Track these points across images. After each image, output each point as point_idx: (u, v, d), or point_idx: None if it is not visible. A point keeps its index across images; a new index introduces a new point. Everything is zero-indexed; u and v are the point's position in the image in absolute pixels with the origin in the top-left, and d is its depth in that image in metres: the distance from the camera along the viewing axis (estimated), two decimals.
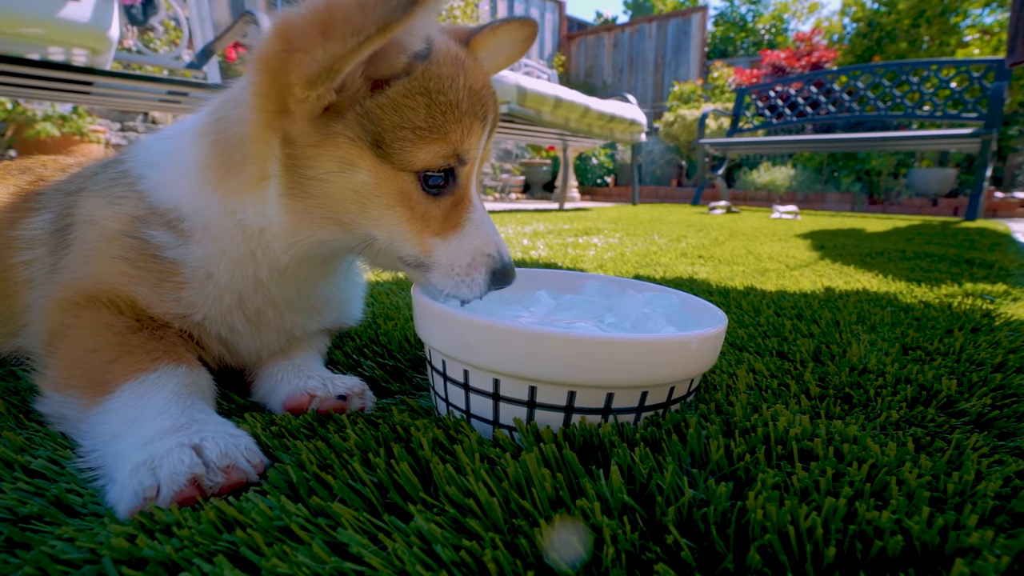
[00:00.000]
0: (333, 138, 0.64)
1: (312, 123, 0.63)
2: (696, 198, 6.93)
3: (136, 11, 3.40)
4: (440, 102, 0.66)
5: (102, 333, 0.65)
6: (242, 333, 0.76)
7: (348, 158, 0.65)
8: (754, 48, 11.34)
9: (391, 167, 0.65)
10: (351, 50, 0.56)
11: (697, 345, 0.65)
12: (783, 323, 1.20)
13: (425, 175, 0.67)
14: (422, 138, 0.65)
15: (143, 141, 0.81)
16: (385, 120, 0.64)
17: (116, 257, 0.70)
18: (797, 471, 0.53)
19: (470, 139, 0.70)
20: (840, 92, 6.07)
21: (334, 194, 0.66)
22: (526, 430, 0.62)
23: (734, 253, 2.47)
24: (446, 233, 0.71)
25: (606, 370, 0.61)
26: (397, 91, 0.65)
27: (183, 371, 0.65)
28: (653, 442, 0.60)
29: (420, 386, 0.86)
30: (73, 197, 0.81)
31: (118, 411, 0.59)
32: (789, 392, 0.80)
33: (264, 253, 0.72)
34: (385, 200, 0.67)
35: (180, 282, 0.71)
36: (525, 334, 0.61)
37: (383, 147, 0.64)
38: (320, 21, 0.57)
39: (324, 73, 0.58)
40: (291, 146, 0.65)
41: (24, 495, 0.52)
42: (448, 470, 0.53)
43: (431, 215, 0.70)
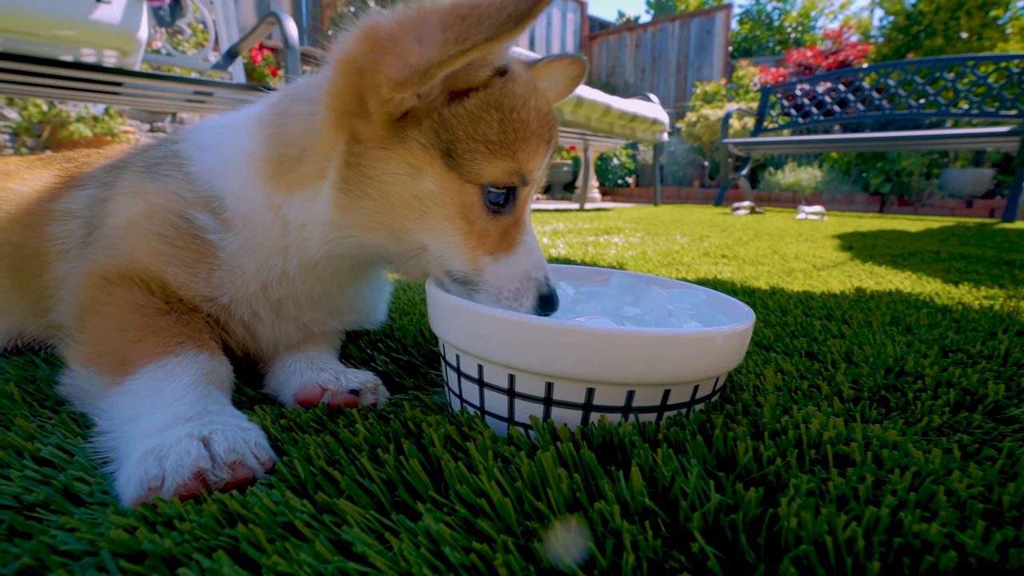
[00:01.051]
0: (406, 142, 0.64)
1: (387, 126, 0.64)
2: (719, 199, 6.81)
3: (164, 13, 3.47)
4: (513, 119, 0.66)
5: (132, 312, 0.66)
6: (264, 320, 0.77)
7: (417, 163, 0.65)
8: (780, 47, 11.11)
9: (458, 177, 0.66)
10: (452, 56, 0.56)
11: (723, 341, 0.62)
12: (812, 323, 1.15)
13: (489, 190, 0.67)
14: (493, 152, 0.66)
15: (199, 125, 0.82)
16: (460, 131, 0.65)
17: (153, 234, 0.70)
18: (833, 477, 0.49)
19: (535, 160, 0.70)
20: (870, 90, 5.90)
21: (394, 197, 0.67)
22: (542, 428, 0.59)
23: (759, 253, 2.41)
24: (498, 253, 0.70)
25: (627, 366, 0.58)
26: (475, 103, 0.65)
27: (204, 358, 0.65)
28: (676, 443, 0.57)
29: (434, 382, 0.84)
30: (117, 171, 0.82)
31: (137, 393, 0.59)
32: (820, 394, 0.76)
33: (298, 248, 0.73)
34: (446, 210, 0.67)
35: (214, 264, 0.71)
36: (542, 327, 0.58)
37: (454, 156, 0.65)
38: (414, 27, 0.58)
39: (416, 77, 0.58)
40: (358, 145, 0.65)
41: (31, 483, 0.51)
42: (460, 468, 0.51)
43: (487, 232, 0.69)
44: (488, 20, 0.54)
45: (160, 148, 0.80)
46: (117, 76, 3.05)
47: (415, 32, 0.58)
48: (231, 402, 0.64)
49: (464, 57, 0.56)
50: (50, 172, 0.92)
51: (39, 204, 0.84)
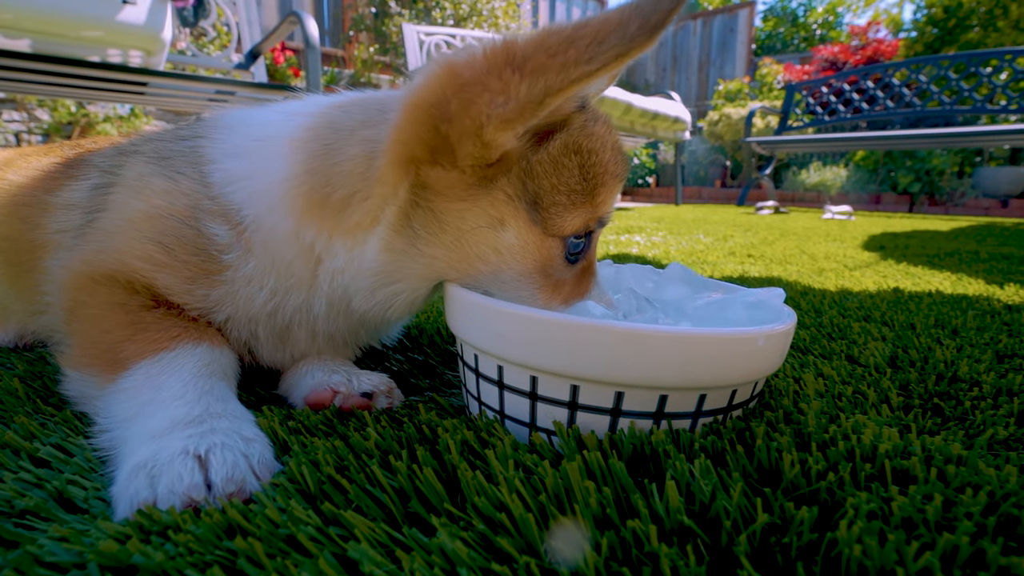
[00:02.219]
0: (492, 193, 0.59)
1: (474, 174, 0.58)
2: (741, 198, 6.67)
3: (187, 13, 3.50)
4: (594, 163, 0.61)
5: (115, 312, 0.62)
6: (263, 343, 0.71)
7: (501, 216, 0.59)
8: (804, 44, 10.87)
9: (541, 232, 0.61)
10: (574, 80, 0.50)
11: (764, 342, 0.57)
12: (849, 325, 1.09)
13: (570, 241, 0.63)
14: (574, 203, 0.61)
15: (228, 122, 0.72)
16: (545, 180, 0.59)
17: (151, 240, 0.64)
18: (895, 496, 0.44)
19: (611, 201, 0.65)
20: (900, 86, 5.72)
21: (470, 248, 0.61)
22: (567, 434, 0.55)
23: (786, 252, 2.32)
24: (572, 300, 0.66)
25: (659, 368, 0.53)
26: (557, 147, 0.60)
27: (203, 349, 0.61)
28: (714, 453, 0.52)
29: (451, 383, 0.80)
30: (123, 157, 0.75)
31: (133, 390, 0.56)
32: (866, 401, 0.70)
33: (331, 289, 0.66)
34: (525, 265, 0.62)
35: (217, 282, 0.65)
36: (566, 325, 0.54)
37: (539, 210, 0.60)
38: (505, 59, 0.52)
39: (528, 110, 0.52)
40: (427, 191, 0.59)
41: (25, 486, 0.48)
42: (478, 478, 0.47)
43: (563, 282, 0.65)
44: (614, 36, 0.48)
45: (178, 140, 0.73)
46: (141, 76, 3.08)
47: (508, 62, 0.51)
48: (236, 396, 0.61)
49: (588, 80, 0.50)
50: (50, 160, 0.87)
51: (35, 196, 0.80)
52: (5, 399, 0.66)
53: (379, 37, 6.69)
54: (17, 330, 0.87)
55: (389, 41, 6.57)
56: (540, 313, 0.55)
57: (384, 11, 6.59)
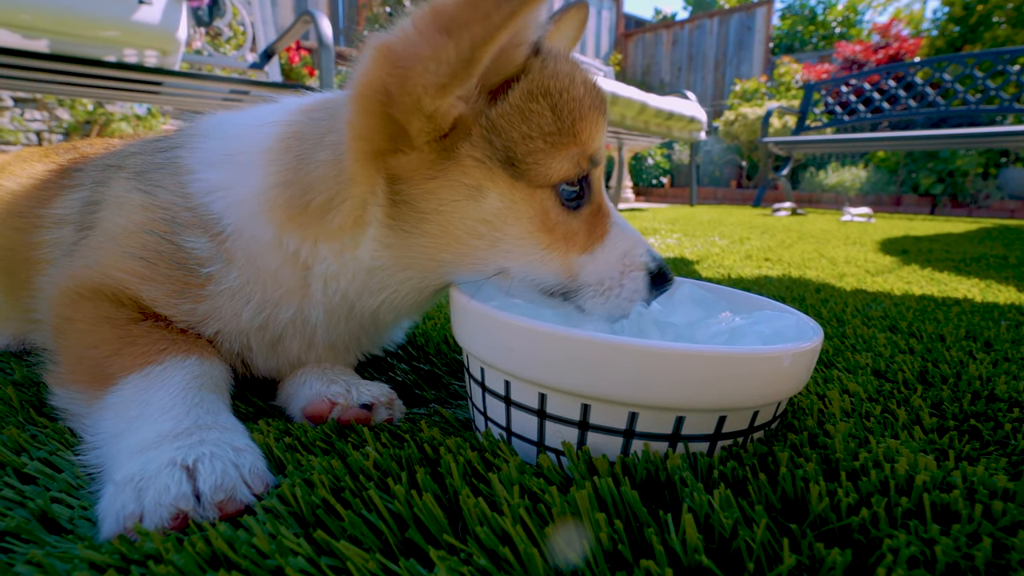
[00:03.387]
0: (459, 162, 0.57)
1: (433, 149, 0.56)
2: (758, 199, 6.57)
3: (202, 12, 3.52)
4: (566, 101, 0.59)
5: (102, 327, 0.60)
6: (256, 353, 0.69)
7: (476, 183, 0.57)
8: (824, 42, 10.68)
9: (526, 185, 0.58)
10: (499, 24, 0.48)
11: (790, 362, 0.53)
12: (874, 335, 1.04)
13: (562, 188, 0.59)
14: (554, 145, 0.58)
15: (202, 133, 0.71)
16: (513, 131, 0.57)
17: (132, 255, 0.63)
18: (937, 538, 0.40)
19: (597, 136, 0.62)
20: (923, 85, 5.58)
21: (457, 227, 0.59)
22: (576, 457, 0.51)
23: (804, 256, 2.26)
24: (592, 246, 0.62)
25: (676, 388, 0.50)
26: (519, 95, 0.57)
27: (192, 362, 0.59)
28: (735, 482, 0.49)
29: (457, 394, 0.77)
30: (108, 173, 0.74)
31: (120, 405, 0.54)
32: (896, 421, 0.66)
33: (326, 297, 0.64)
34: (521, 226, 0.59)
35: (201, 296, 0.63)
36: (577, 340, 0.51)
37: (516, 164, 0.57)
38: (433, 23, 0.50)
39: (460, 70, 0.50)
40: (400, 183, 0.58)
41: (8, 504, 0.46)
42: (480, 505, 0.44)
43: (573, 231, 0.61)
44: None
45: (157, 152, 0.71)
46: (156, 75, 3.10)
47: (436, 26, 0.50)
48: (229, 408, 0.58)
49: (513, 21, 0.48)
50: (44, 168, 0.85)
51: (28, 207, 0.79)
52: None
53: None
54: (15, 335, 0.86)
55: None
56: (550, 328, 0.52)
57: (398, 10, 6.59)
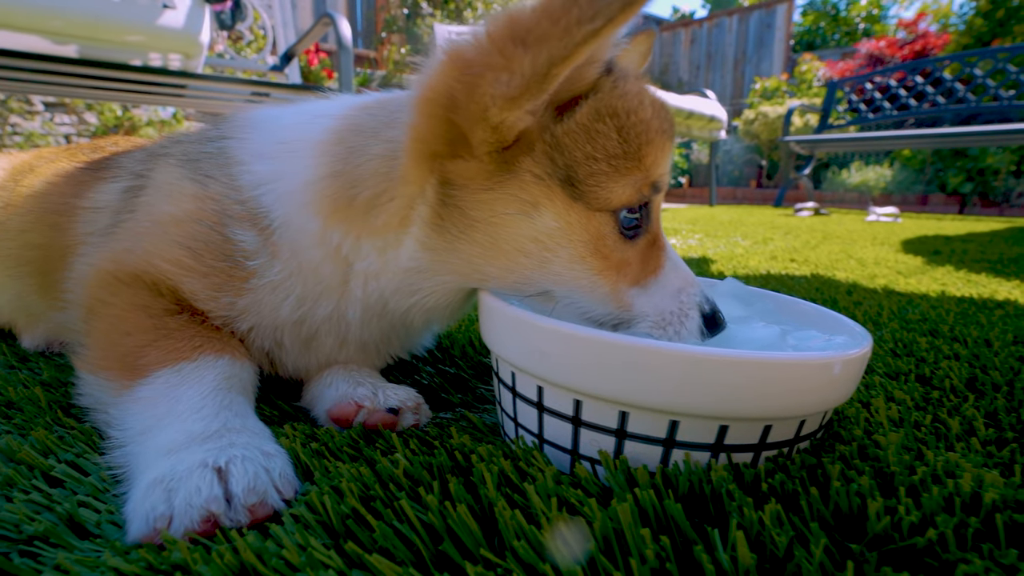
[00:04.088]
0: (518, 176, 0.55)
1: (493, 160, 0.54)
2: (779, 199, 6.46)
3: (224, 16, 3.56)
4: (633, 123, 0.56)
5: (137, 315, 0.59)
6: (288, 351, 0.68)
7: (533, 199, 0.55)
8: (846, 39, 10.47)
9: (584, 208, 0.56)
10: (580, 43, 0.46)
11: (841, 369, 0.50)
12: (914, 339, 1.00)
13: (623, 214, 0.57)
14: (617, 169, 0.55)
15: (254, 122, 0.70)
16: (577, 151, 0.55)
17: (178, 244, 0.62)
18: (1018, 564, 0.37)
19: (663, 162, 0.59)
20: (952, 81, 5.43)
21: (506, 241, 0.57)
22: (614, 467, 0.49)
23: (832, 257, 2.21)
24: (645, 279, 0.60)
25: (721, 396, 0.47)
26: (587, 114, 0.55)
27: (225, 362, 0.58)
28: (784, 495, 0.46)
29: (484, 398, 0.75)
30: (155, 159, 0.74)
31: (150, 400, 0.53)
32: (949, 432, 0.62)
33: (365, 295, 0.63)
34: (574, 249, 0.57)
35: (243, 290, 0.63)
36: (616, 345, 0.48)
37: (576, 185, 0.55)
38: (510, 34, 0.48)
39: (534, 84, 0.48)
40: (453, 188, 0.56)
41: (36, 508, 0.46)
42: (517, 518, 0.42)
43: (627, 262, 0.59)
44: None
45: (206, 141, 0.71)
46: (180, 78, 3.15)
47: (511, 37, 0.48)
48: (254, 411, 0.57)
49: (595, 40, 0.46)
50: (72, 165, 0.86)
51: (64, 200, 0.79)
52: (26, 408, 0.64)
53: (411, 38, 6.73)
54: (45, 336, 0.87)
55: (421, 42, 6.59)
56: (587, 331, 0.49)
57: (416, 12, 6.61)
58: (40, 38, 2.96)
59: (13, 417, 0.63)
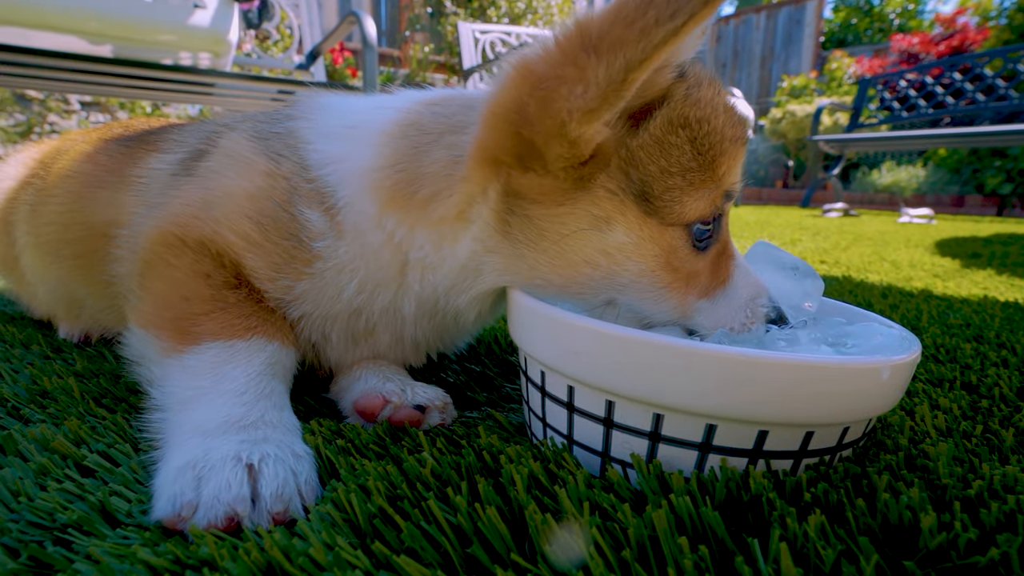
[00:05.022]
0: (592, 192, 0.54)
1: (567, 178, 0.53)
2: (806, 200, 6.32)
3: (252, 15, 3.61)
4: (706, 132, 0.55)
5: (198, 282, 0.59)
6: (334, 346, 0.68)
7: (606, 215, 0.54)
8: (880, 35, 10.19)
9: (657, 223, 0.55)
10: (658, 45, 0.44)
11: (889, 375, 0.48)
12: (957, 345, 0.95)
13: (696, 228, 0.56)
14: (692, 183, 0.54)
15: (322, 103, 0.71)
16: (652, 165, 0.53)
17: (249, 218, 0.62)
18: None
19: (736, 170, 0.58)
20: (993, 78, 5.23)
21: (575, 253, 0.56)
22: (647, 471, 0.48)
23: (863, 259, 2.14)
24: (714, 291, 0.58)
25: (761, 400, 0.45)
26: (659, 125, 0.54)
27: (274, 348, 0.58)
28: (828, 506, 0.44)
29: (510, 397, 0.74)
30: (222, 131, 0.73)
31: (196, 369, 0.54)
32: (1002, 444, 0.59)
33: (421, 288, 0.63)
34: (645, 263, 0.56)
35: (304, 273, 0.62)
36: (652, 344, 0.47)
37: (651, 200, 0.54)
38: (580, 43, 0.47)
39: (610, 93, 0.46)
40: (522, 199, 0.55)
41: (69, 497, 0.46)
42: (548, 522, 0.40)
43: (696, 273, 0.58)
44: None
45: (275, 121, 0.70)
46: (209, 77, 3.21)
47: (583, 46, 0.46)
48: (290, 402, 0.57)
49: (675, 41, 0.44)
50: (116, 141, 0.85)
51: (110, 174, 0.78)
52: (60, 398, 0.65)
53: (435, 36, 6.75)
54: (86, 325, 0.88)
55: (444, 40, 6.61)
56: (622, 330, 0.48)
57: (440, 10, 6.63)
58: (77, 39, 3.04)
59: (48, 407, 0.64)
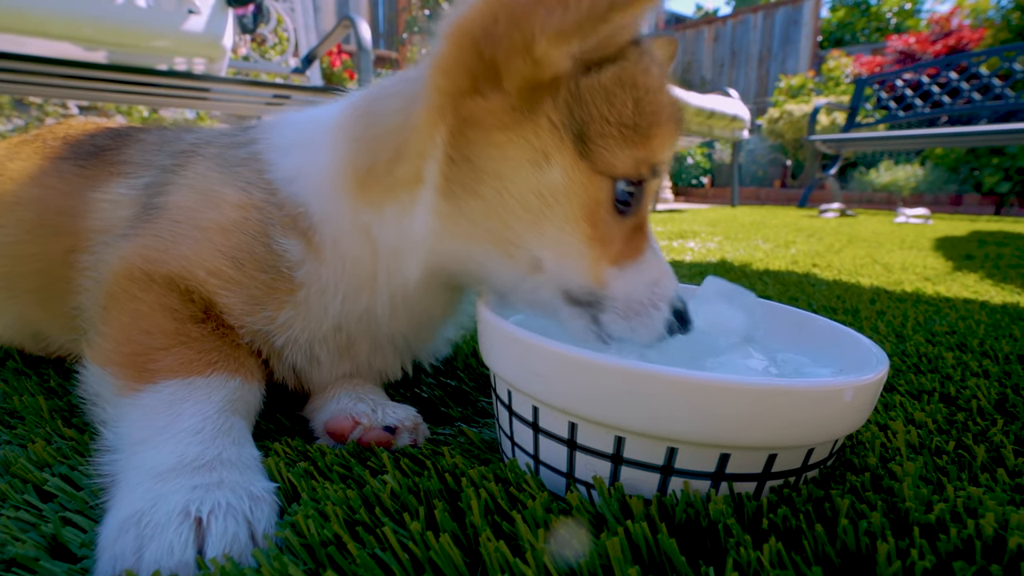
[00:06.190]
0: (535, 121, 0.54)
1: (519, 97, 0.54)
2: (803, 200, 6.31)
3: (247, 20, 3.62)
4: (650, 101, 0.56)
5: (162, 315, 0.58)
6: (322, 364, 0.68)
7: (545, 147, 0.55)
8: (877, 34, 10.17)
9: (588, 168, 0.55)
10: None
11: (853, 396, 0.47)
12: (940, 354, 0.95)
13: (620, 185, 0.56)
14: (626, 139, 0.55)
15: (276, 122, 0.72)
16: (594, 109, 0.54)
17: (222, 252, 0.61)
18: None
19: (667, 149, 0.59)
20: (989, 77, 5.23)
21: (511, 193, 0.56)
22: (608, 494, 0.47)
23: (856, 262, 2.14)
24: (623, 261, 0.59)
25: (721, 424, 0.45)
26: (610, 78, 0.55)
27: (235, 384, 0.57)
28: (786, 532, 0.44)
29: (484, 411, 0.74)
30: (185, 151, 0.72)
31: (152, 409, 0.52)
32: (974, 460, 0.58)
33: (389, 278, 0.63)
34: (570, 210, 0.56)
35: (286, 302, 0.62)
36: (612, 369, 0.46)
37: (586, 142, 0.55)
38: None
39: (588, 24, 0.48)
40: (469, 131, 0.56)
41: (23, 526, 0.46)
42: (501, 550, 0.40)
43: (611, 238, 0.58)
44: None
45: (235, 147, 0.70)
46: (203, 82, 3.22)
47: None
48: (251, 437, 0.56)
49: None
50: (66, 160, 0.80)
51: (68, 199, 0.75)
52: (28, 417, 0.65)
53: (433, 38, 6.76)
54: (57, 353, 0.85)
55: None
56: (583, 354, 0.47)
57: (437, 13, 6.64)
58: (72, 45, 3.04)
59: (15, 427, 0.64)
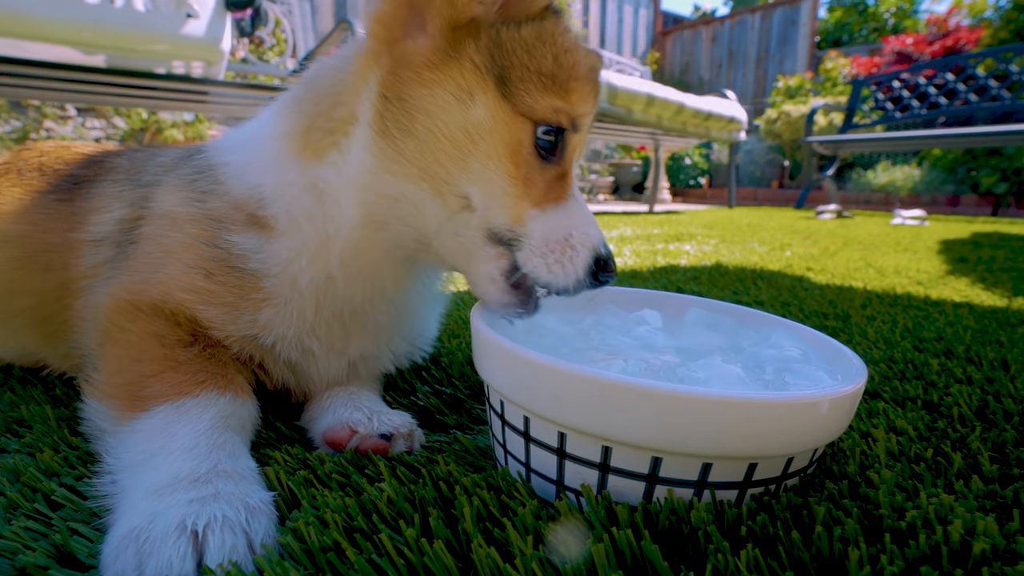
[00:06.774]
0: (460, 60, 0.60)
1: (442, 38, 0.60)
2: (800, 201, 6.33)
3: (245, 23, 3.63)
4: (567, 59, 0.63)
5: (150, 343, 0.60)
6: (316, 355, 0.70)
7: (469, 87, 0.60)
8: (875, 35, 10.19)
9: (511, 109, 0.60)
10: None
11: (829, 407, 0.49)
12: (926, 361, 0.97)
13: (540, 128, 0.62)
14: (546, 87, 0.61)
15: (226, 133, 0.79)
16: (515, 57, 0.61)
17: (191, 267, 0.64)
18: None
19: (585, 105, 0.65)
20: (985, 78, 5.25)
21: (440, 130, 0.60)
22: (595, 502, 0.49)
23: (850, 265, 2.16)
24: (545, 204, 0.63)
25: (703, 435, 0.47)
26: (530, 33, 0.62)
27: (225, 401, 0.59)
28: (764, 538, 0.46)
29: (480, 419, 0.76)
30: (147, 190, 0.75)
31: (147, 433, 0.54)
32: (950, 467, 0.60)
33: (337, 230, 0.66)
34: (494, 147, 0.60)
35: (260, 300, 0.65)
36: (598, 382, 0.48)
37: (507, 84, 0.60)
38: None
39: None
40: (401, 70, 0.61)
41: (33, 535, 0.47)
42: (492, 557, 0.42)
43: (533, 180, 0.62)
44: None
45: (190, 162, 0.74)
46: (200, 85, 3.24)
47: None
48: (249, 450, 0.58)
49: None
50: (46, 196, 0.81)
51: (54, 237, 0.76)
52: (36, 426, 0.67)
53: None
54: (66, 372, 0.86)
55: None
56: (572, 368, 0.49)
57: None
58: (71, 49, 3.05)
59: (23, 435, 0.66)
